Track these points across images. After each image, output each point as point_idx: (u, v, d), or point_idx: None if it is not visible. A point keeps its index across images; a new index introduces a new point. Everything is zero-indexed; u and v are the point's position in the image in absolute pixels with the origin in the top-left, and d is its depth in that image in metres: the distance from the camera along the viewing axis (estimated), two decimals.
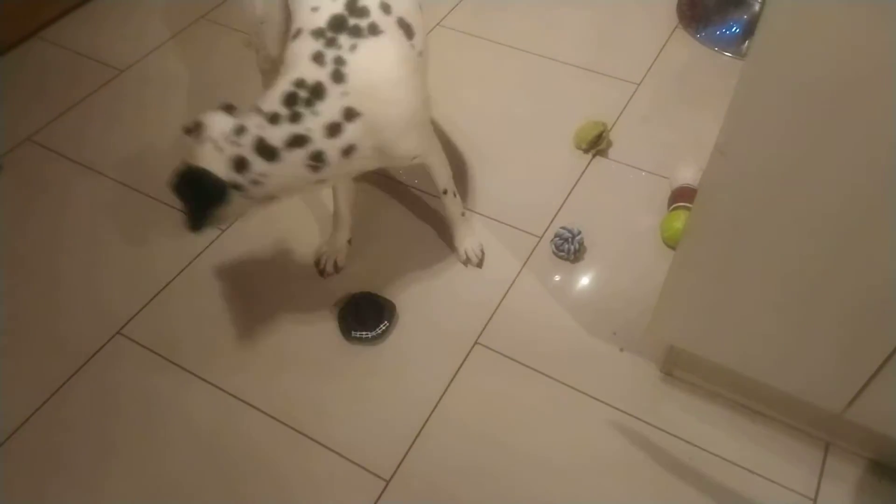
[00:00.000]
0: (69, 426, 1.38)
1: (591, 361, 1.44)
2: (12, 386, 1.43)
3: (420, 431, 1.35)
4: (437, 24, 2.23)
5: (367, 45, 1.19)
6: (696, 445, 1.32)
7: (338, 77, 1.16)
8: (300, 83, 1.17)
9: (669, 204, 1.65)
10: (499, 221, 1.69)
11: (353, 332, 1.48)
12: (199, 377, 1.43)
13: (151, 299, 1.56)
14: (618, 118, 1.91)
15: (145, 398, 1.41)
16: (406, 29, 1.26)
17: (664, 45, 2.13)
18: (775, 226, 0.97)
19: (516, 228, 1.67)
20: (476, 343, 1.48)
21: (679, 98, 1.98)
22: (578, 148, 1.83)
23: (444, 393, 1.40)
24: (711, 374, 1.35)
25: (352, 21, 1.21)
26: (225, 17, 2.27)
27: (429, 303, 1.54)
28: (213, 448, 1.34)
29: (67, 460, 1.33)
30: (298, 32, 1.23)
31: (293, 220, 1.70)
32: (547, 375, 1.42)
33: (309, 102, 1.16)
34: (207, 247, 1.65)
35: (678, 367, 1.39)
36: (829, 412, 1.19)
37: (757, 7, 2.20)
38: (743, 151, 0.91)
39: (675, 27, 2.20)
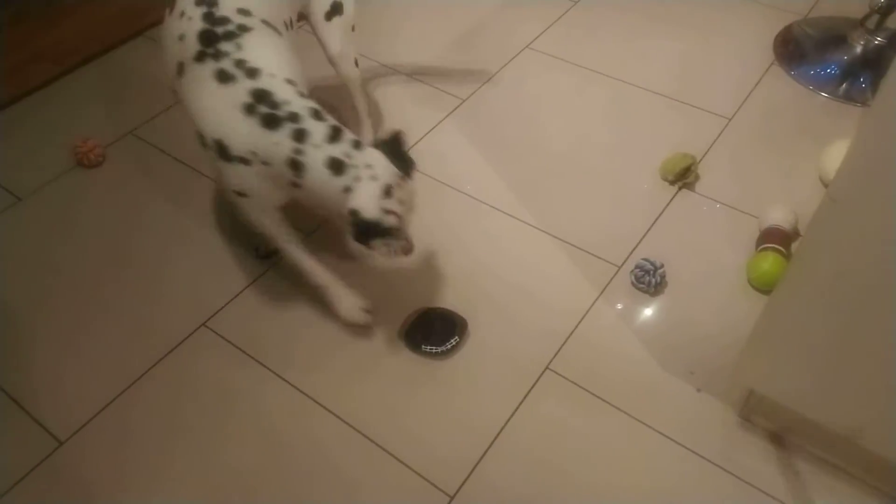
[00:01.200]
0: (150, 410, 1.43)
1: (665, 399, 1.42)
2: (101, 368, 1.50)
3: (487, 450, 1.35)
4: (527, 46, 2.24)
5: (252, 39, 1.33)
6: (770, 495, 1.28)
7: None
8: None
9: (757, 244, 1.61)
10: (578, 248, 1.68)
11: (422, 346, 1.49)
12: (275, 373, 1.47)
13: (236, 295, 1.61)
14: (707, 152, 1.88)
15: (222, 389, 1.46)
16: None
17: (758, 82, 2.09)
18: (884, 280, 0.93)
19: (596, 256, 1.66)
20: (547, 368, 1.47)
21: (771, 136, 1.94)
22: (665, 179, 1.81)
23: (512, 415, 1.40)
24: (793, 423, 1.30)
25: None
26: None
27: (501, 323, 1.54)
28: (281, 444, 1.37)
29: (144, 442, 1.39)
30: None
31: None
32: (619, 409, 1.40)
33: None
34: None
35: (758, 413, 1.35)
36: None
37: (858, 49, 2.13)
38: (856, 201, 0.89)
39: (771, 63, 2.15)
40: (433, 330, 1.51)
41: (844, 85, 2.09)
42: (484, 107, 2.06)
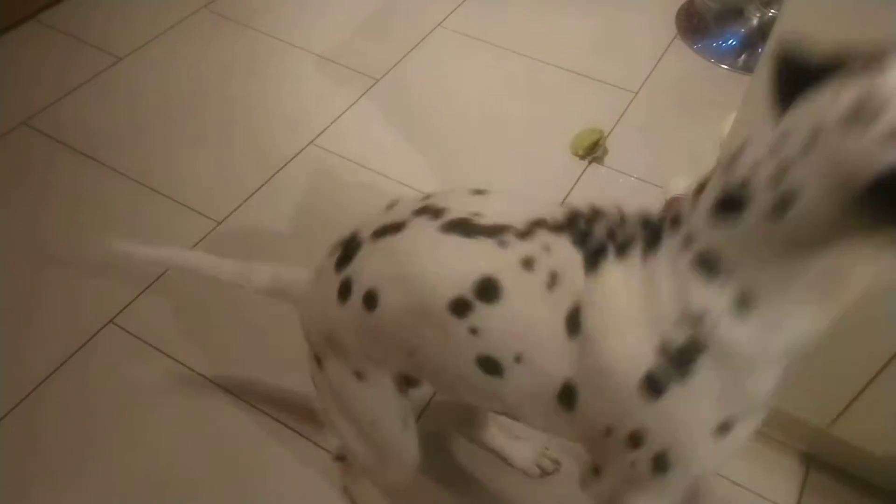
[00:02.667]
0: (57, 414, 1.37)
1: None
2: (2, 372, 1.42)
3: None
4: (438, 25, 2.23)
5: None
6: None
7: None
8: None
9: None
10: None
11: None
12: (188, 367, 1.44)
13: (144, 290, 1.56)
14: (615, 126, 1.93)
15: (129, 388, 1.41)
16: None
17: (662, 55, 2.15)
18: None
19: None
20: None
21: (675, 108, 2.00)
22: (575, 154, 1.84)
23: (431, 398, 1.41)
24: None
25: None
26: (228, 8, 2.26)
27: None
28: (190, 437, 1.35)
29: (51, 447, 1.33)
30: None
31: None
32: None
33: None
34: (202, 239, 1.65)
35: None
36: (814, 427, 1.21)
37: (755, 21, 2.22)
38: None
39: (674, 37, 2.21)
40: None
41: (743, 56, 2.17)
42: (398, 86, 2.04)
